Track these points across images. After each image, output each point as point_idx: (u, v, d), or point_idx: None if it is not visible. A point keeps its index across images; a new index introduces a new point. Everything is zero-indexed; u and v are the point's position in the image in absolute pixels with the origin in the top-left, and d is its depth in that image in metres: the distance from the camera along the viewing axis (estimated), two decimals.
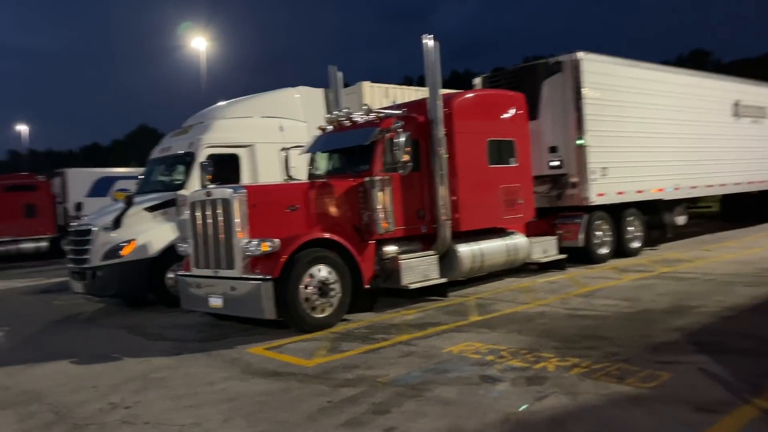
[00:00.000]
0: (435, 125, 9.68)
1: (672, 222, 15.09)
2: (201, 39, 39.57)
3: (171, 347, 7.81)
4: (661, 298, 8.57)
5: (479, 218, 10.43)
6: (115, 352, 7.74)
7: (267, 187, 9.30)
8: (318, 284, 8.09)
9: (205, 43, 39.51)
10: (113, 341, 8.53)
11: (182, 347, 7.75)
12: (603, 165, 12.81)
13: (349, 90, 13.78)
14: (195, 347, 7.69)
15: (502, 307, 8.86)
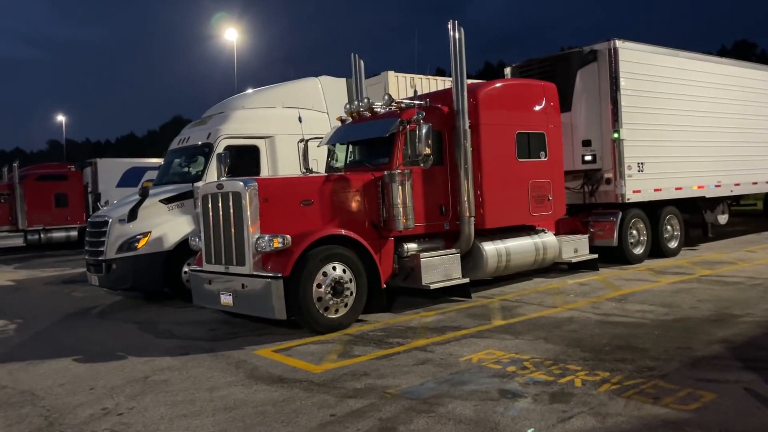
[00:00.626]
0: (459, 116, 9.17)
1: (713, 221, 14.30)
2: (233, 30, 39.74)
3: (178, 346, 7.50)
4: (702, 305, 7.93)
5: (506, 215, 9.88)
6: (121, 349, 7.46)
7: (279, 181, 8.91)
8: (332, 283, 7.67)
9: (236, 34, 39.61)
10: (122, 337, 8.27)
11: (190, 346, 7.43)
12: (640, 160, 12.12)
13: (373, 80, 13.31)
14: (203, 347, 7.36)
15: (527, 310, 8.33)
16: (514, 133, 9.95)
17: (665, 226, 12.90)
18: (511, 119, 9.96)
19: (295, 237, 7.56)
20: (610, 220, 11.98)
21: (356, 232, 8.17)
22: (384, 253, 8.66)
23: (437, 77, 14.06)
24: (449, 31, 9.11)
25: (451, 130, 9.28)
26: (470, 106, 9.32)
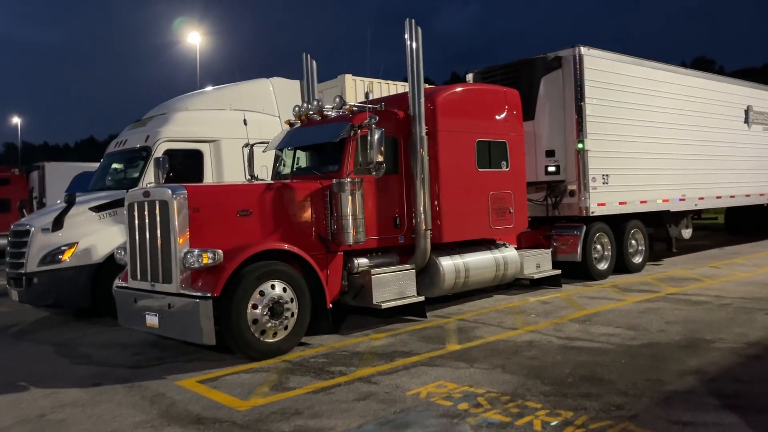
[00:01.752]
0: (416, 122, 8.52)
1: (677, 235, 13.96)
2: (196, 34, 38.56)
3: (93, 374, 6.61)
4: (671, 328, 7.39)
5: (465, 228, 9.25)
6: (27, 378, 6.54)
7: (213, 188, 8.12)
8: (269, 303, 6.88)
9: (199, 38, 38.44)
10: (33, 363, 7.32)
11: (105, 375, 6.55)
12: (604, 172, 11.66)
13: (329, 83, 12.62)
14: (120, 375, 6.49)
15: (485, 332, 7.67)
16: (475, 141, 9.34)
17: (630, 241, 12.47)
18: (471, 126, 9.35)
19: (228, 252, 6.77)
20: (574, 233, 11.47)
21: (301, 246, 7.42)
22: (331, 269, 7.92)
23: (397, 82, 13.41)
24: (405, 30, 8.47)
25: (407, 137, 8.62)
26: (428, 111, 8.68)
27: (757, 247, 16.29)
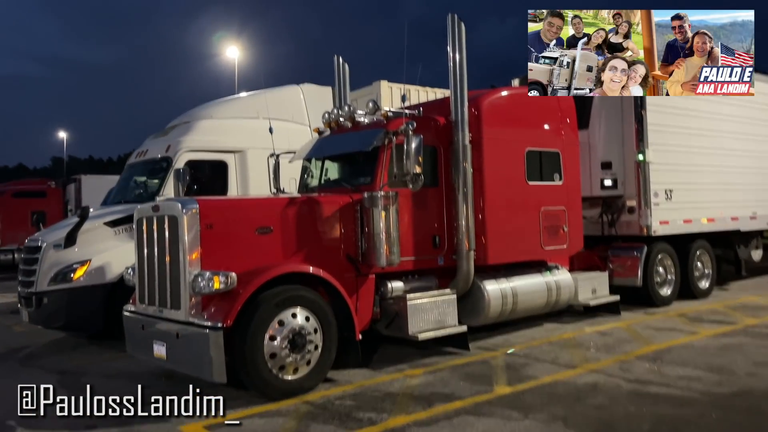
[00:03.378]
0: (458, 129, 7.58)
1: (747, 257, 12.61)
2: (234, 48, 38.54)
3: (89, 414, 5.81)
4: (763, 371, 6.22)
5: (513, 249, 8.24)
6: (15, 416, 5.78)
7: (229, 202, 7.32)
8: (290, 335, 6.00)
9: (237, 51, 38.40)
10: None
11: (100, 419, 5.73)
12: (668, 186, 10.49)
13: (364, 90, 11.81)
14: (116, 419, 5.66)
15: (539, 371, 6.63)
16: (524, 150, 8.34)
17: (695, 263, 11.21)
18: (520, 135, 8.36)
19: (243, 275, 5.92)
20: (634, 255, 10.31)
21: (327, 268, 6.53)
22: (362, 294, 7.00)
23: (436, 89, 12.52)
24: (447, 25, 7.58)
25: (448, 146, 7.69)
26: (471, 117, 7.74)
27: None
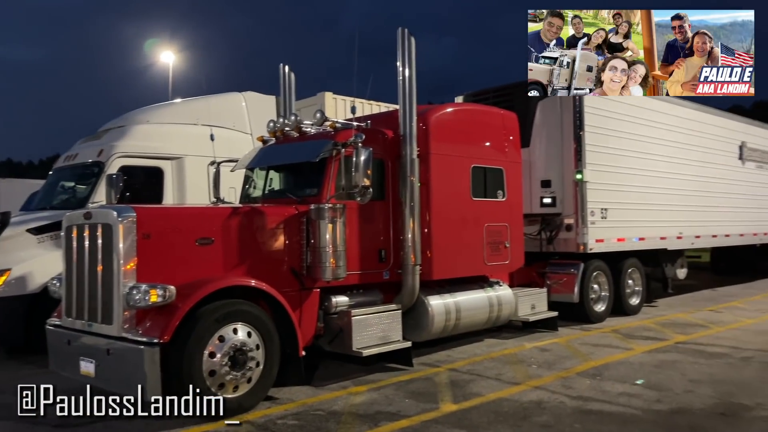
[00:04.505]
0: (407, 143, 7.53)
1: (673, 275, 13.13)
2: (169, 53, 37.38)
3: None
4: (698, 388, 6.41)
5: (458, 264, 8.23)
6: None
7: (168, 211, 6.97)
8: (230, 351, 5.73)
9: (173, 56, 37.28)
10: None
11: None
12: (603, 206, 10.80)
13: (308, 101, 11.62)
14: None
15: (483, 387, 6.60)
16: (470, 167, 8.38)
17: (627, 281, 11.59)
18: (466, 151, 8.40)
19: (182, 288, 5.61)
20: (571, 272, 10.54)
21: (270, 281, 6.28)
22: (306, 309, 6.80)
23: (381, 103, 12.48)
24: (397, 39, 7.53)
25: (396, 159, 7.62)
26: (420, 131, 7.71)
27: (749, 289, 15.60)
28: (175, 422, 5.48)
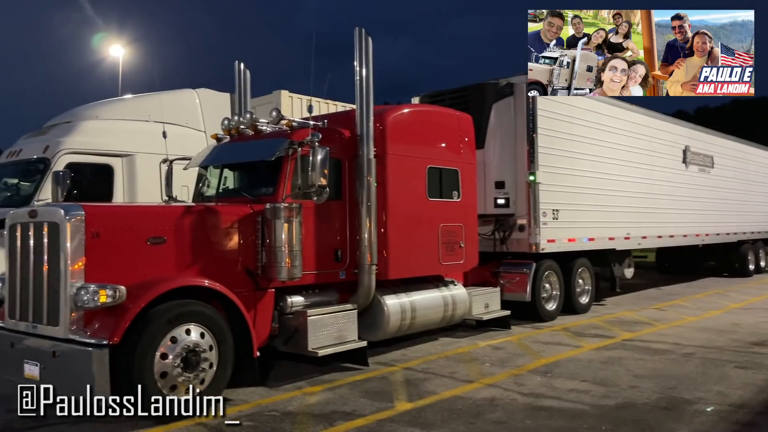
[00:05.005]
0: (363, 143, 7.55)
1: (621, 275, 13.53)
2: (118, 46, 36.35)
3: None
4: (643, 384, 6.63)
5: (413, 263, 8.30)
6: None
7: (119, 209, 6.80)
8: (183, 352, 5.63)
9: (122, 50, 36.30)
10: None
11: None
12: (555, 206, 11.06)
13: (263, 99, 11.51)
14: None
15: (437, 385, 6.67)
16: (426, 167, 8.46)
17: (577, 280, 11.89)
18: (422, 151, 8.47)
19: (133, 288, 5.49)
20: (523, 271, 10.75)
21: (224, 281, 6.20)
22: (260, 309, 6.74)
23: (338, 102, 12.47)
24: (355, 39, 7.54)
25: (353, 159, 7.63)
26: (376, 132, 7.73)
27: (692, 288, 16.23)
28: (122, 425, 5.35)
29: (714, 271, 19.29)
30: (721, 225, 17.33)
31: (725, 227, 17.62)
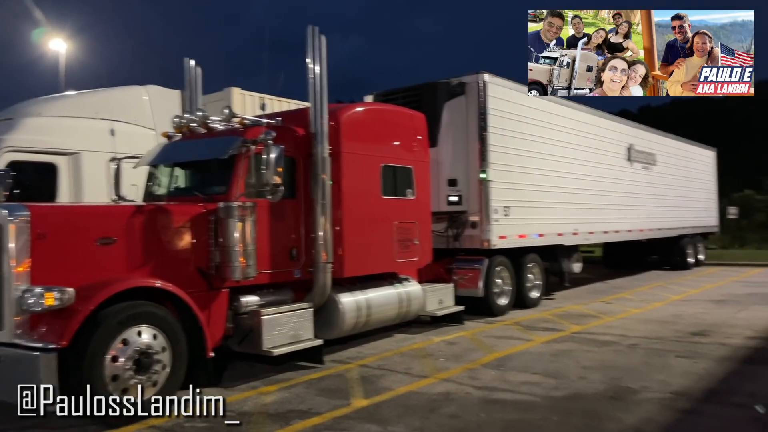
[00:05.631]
0: (318, 141, 7.55)
1: (569, 269, 13.90)
2: (60, 41, 35.08)
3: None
4: (591, 375, 6.86)
5: (368, 261, 8.36)
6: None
7: (66, 209, 6.63)
8: (135, 355, 5.53)
9: (64, 44, 35.05)
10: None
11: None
12: (506, 203, 11.30)
13: (214, 96, 11.31)
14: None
15: (393, 382, 6.74)
16: (380, 165, 8.52)
17: (528, 275, 12.18)
18: (376, 150, 8.53)
19: (82, 290, 5.36)
20: (476, 267, 10.95)
21: (177, 282, 6.11)
22: (214, 309, 6.67)
23: (291, 100, 12.38)
24: (307, 37, 7.53)
25: (307, 157, 7.62)
26: (331, 130, 7.75)
27: (637, 281, 16.82)
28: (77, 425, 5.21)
29: (657, 265, 20.02)
30: (662, 220, 18.03)
31: (667, 222, 18.34)
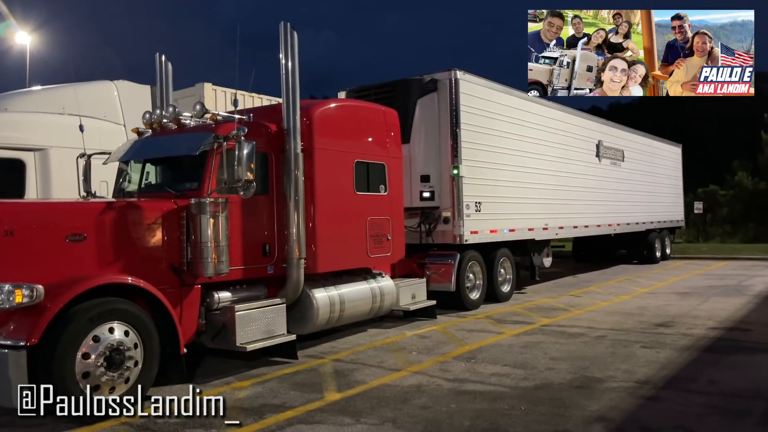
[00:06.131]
0: (290, 137, 7.57)
1: (540, 264, 14.15)
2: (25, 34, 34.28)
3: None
4: (559, 365, 7.04)
5: (342, 257, 8.41)
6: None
7: (34, 206, 6.58)
8: (106, 351, 5.52)
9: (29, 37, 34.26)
10: None
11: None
12: (477, 199, 11.45)
13: (186, 92, 11.27)
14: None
15: (366, 375, 6.83)
16: (353, 161, 8.58)
17: (499, 269, 12.36)
18: (349, 146, 8.58)
19: (52, 287, 5.32)
20: (448, 262, 11.08)
21: (148, 278, 6.11)
22: (186, 305, 6.66)
23: (263, 95, 12.37)
24: (280, 33, 7.55)
25: (280, 153, 7.64)
26: (303, 126, 7.78)
27: (605, 275, 17.17)
28: (43, 428, 5.19)
29: (625, 259, 20.46)
30: (631, 215, 18.42)
31: (635, 217, 18.76)
